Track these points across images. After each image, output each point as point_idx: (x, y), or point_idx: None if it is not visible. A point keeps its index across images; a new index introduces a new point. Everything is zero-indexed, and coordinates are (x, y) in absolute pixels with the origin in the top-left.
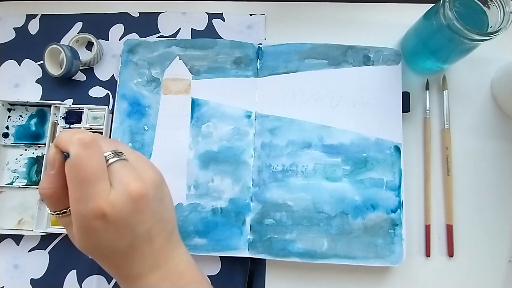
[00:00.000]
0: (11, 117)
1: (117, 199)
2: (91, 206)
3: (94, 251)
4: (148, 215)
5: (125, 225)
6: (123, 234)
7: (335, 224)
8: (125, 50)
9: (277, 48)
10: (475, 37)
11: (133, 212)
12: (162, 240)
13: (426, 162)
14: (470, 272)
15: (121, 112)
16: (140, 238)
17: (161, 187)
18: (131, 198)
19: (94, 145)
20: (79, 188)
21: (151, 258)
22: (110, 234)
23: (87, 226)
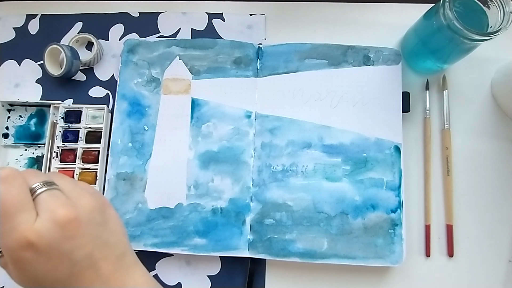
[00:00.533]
0: (11, 117)
1: (43, 227)
2: (16, 237)
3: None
4: (85, 239)
5: (58, 252)
6: (58, 263)
7: (335, 224)
8: (125, 50)
9: (277, 48)
10: (475, 37)
11: (63, 237)
12: (110, 265)
13: (426, 162)
14: (470, 272)
15: (121, 112)
16: (80, 264)
17: (100, 212)
18: (58, 224)
19: (12, 179)
20: (3, 222)
21: (101, 284)
22: (44, 264)
23: (17, 259)
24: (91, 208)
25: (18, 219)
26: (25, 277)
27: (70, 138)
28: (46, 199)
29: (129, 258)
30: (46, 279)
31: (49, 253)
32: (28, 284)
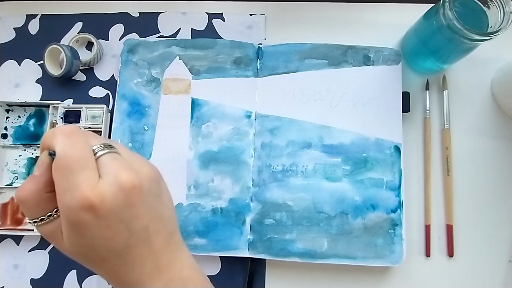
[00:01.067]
0: (10, 118)
1: (106, 190)
2: (78, 196)
3: (87, 254)
4: (144, 210)
5: (118, 219)
6: (117, 231)
7: (335, 224)
8: (125, 50)
9: (277, 48)
10: (475, 37)
11: (125, 204)
12: (162, 241)
13: (426, 162)
14: (470, 272)
15: (121, 112)
16: (136, 236)
17: (158, 182)
18: (122, 189)
19: (77, 134)
20: (64, 177)
21: (151, 262)
22: (102, 230)
23: (76, 221)
24: (150, 177)
25: (81, 177)
26: (79, 244)
27: None
28: (108, 161)
29: (178, 236)
30: (101, 248)
31: (109, 219)
32: (81, 253)
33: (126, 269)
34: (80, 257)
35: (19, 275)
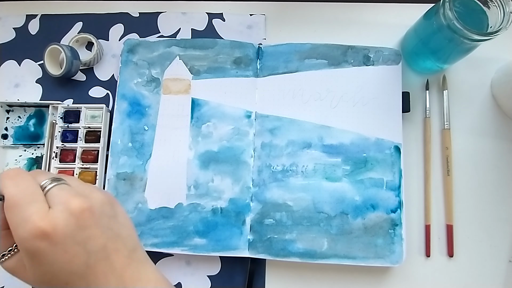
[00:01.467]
0: (10, 118)
1: (57, 217)
2: (29, 228)
3: (51, 281)
4: (99, 230)
5: (74, 242)
6: (74, 253)
7: (335, 224)
8: (125, 50)
9: (277, 48)
10: (475, 37)
11: (78, 227)
12: (124, 258)
13: (426, 162)
14: (470, 272)
15: (121, 112)
16: (95, 256)
17: (111, 204)
18: (72, 214)
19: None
20: (15, 214)
21: (115, 279)
22: (60, 255)
23: (32, 251)
24: (101, 200)
25: (30, 211)
26: (40, 272)
27: (70, 138)
28: (57, 192)
29: (141, 253)
30: (62, 272)
31: (65, 244)
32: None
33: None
34: (44, 285)
35: None
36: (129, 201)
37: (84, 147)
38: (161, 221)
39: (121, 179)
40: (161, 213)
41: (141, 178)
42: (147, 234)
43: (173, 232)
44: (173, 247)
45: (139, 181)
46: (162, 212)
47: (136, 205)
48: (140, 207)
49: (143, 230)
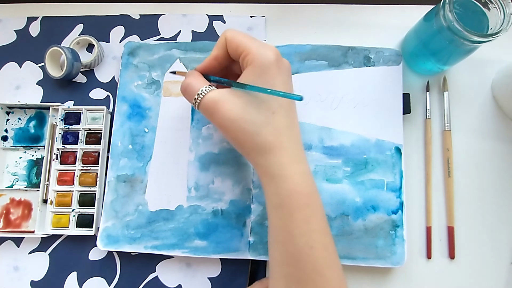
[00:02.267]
0: (10, 120)
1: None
2: (269, 48)
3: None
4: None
5: (287, 78)
6: (287, 88)
7: (335, 225)
8: (125, 52)
9: None
10: (475, 38)
11: (289, 71)
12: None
13: (427, 163)
14: (471, 274)
15: (122, 114)
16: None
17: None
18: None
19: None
20: (251, 40)
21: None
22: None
23: (266, 67)
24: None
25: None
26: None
27: (70, 140)
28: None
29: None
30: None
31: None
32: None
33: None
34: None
35: (19, 277)
36: (129, 203)
37: (85, 149)
38: (161, 223)
39: (121, 181)
40: (162, 215)
41: (142, 180)
42: (147, 236)
43: (173, 234)
44: (174, 249)
45: (140, 183)
46: (162, 214)
47: (137, 207)
48: (140, 209)
49: (143, 232)
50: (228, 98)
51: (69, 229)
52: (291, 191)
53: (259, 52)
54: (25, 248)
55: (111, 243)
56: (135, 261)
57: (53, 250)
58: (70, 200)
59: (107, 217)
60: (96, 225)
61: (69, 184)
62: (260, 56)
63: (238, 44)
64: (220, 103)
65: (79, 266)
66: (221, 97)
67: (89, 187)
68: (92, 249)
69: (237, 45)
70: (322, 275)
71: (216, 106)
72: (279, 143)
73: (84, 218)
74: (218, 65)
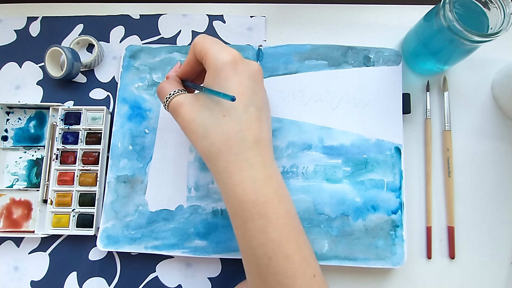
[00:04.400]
0: (10, 120)
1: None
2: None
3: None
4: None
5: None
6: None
7: (335, 226)
8: (126, 55)
9: (277, 49)
10: (475, 38)
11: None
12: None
13: (427, 163)
14: (472, 274)
15: (122, 115)
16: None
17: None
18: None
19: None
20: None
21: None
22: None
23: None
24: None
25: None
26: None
27: (70, 140)
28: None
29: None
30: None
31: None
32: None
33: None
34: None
35: (19, 277)
36: (129, 204)
37: (85, 149)
38: (161, 224)
39: (121, 182)
40: (162, 216)
41: (142, 180)
42: (147, 237)
43: (173, 234)
44: (174, 249)
45: (140, 184)
46: (162, 215)
47: (137, 207)
48: (140, 209)
49: (143, 232)
50: (189, 101)
51: (69, 229)
52: (240, 200)
53: (214, 54)
54: (25, 248)
55: (111, 244)
56: (135, 261)
57: (53, 250)
58: (70, 200)
59: (107, 218)
60: (96, 225)
61: (69, 184)
62: (214, 58)
63: (201, 49)
64: (181, 106)
65: (79, 266)
66: (184, 100)
67: (89, 187)
68: (92, 249)
69: (200, 50)
70: (285, 285)
71: (178, 108)
72: (227, 148)
73: (84, 218)
74: (191, 70)
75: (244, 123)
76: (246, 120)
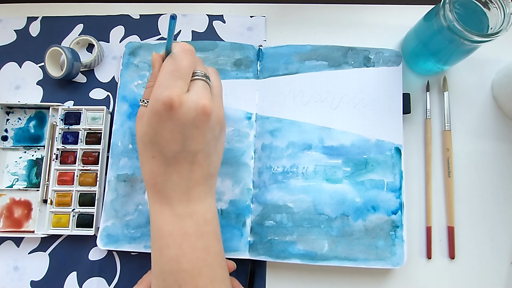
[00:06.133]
0: (10, 120)
1: (187, 102)
2: (166, 94)
3: (146, 144)
4: (201, 138)
5: (181, 130)
6: (174, 138)
7: (335, 226)
8: (126, 52)
9: (277, 49)
10: (475, 38)
11: (192, 122)
12: (201, 176)
13: (427, 163)
14: (472, 274)
15: (122, 114)
16: (185, 154)
17: (221, 128)
18: (196, 109)
19: (191, 54)
20: (164, 76)
21: (185, 187)
22: (166, 131)
23: (155, 111)
24: (219, 118)
25: (176, 83)
26: (148, 128)
27: (70, 139)
28: (200, 86)
29: (214, 183)
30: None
31: (176, 125)
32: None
33: (163, 178)
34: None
35: (19, 277)
36: (129, 203)
37: (85, 149)
38: None
39: (121, 181)
40: None
41: (142, 179)
42: (147, 236)
43: None
44: None
45: (140, 183)
46: None
47: (137, 206)
48: (140, 208)
49: (143, 232)
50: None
51: (69, 229)
52: (159, 228)
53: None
54: (25, 248)
55: (111, 243)
56: (135, 261)
57: (53, 250)
58: (70, 200)
59: (107, 217)
60: (96, 225)
61: (69, 184)
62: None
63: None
64: (138, 119)
65: (79, 266)
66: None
67: (89, 187)
68: (92, 249)
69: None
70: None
71: (138, 119)
72: (152, 184)
73: (84, 218)
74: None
75: (170, 167)
76: (173, 164)
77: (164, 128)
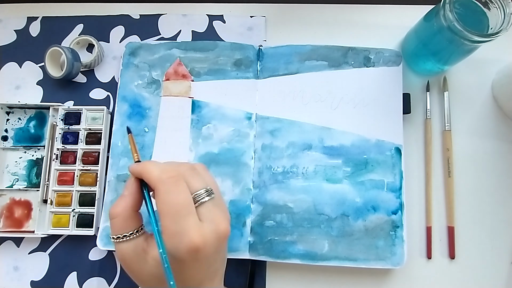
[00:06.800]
0: (10, 120)
1: (209, 236)
2: (186, 241)
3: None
4: (221, 254)
5: (207, 262)
6: (200, 270)
7: (335, 226)
8: (126, 52)
9: (277, 49)
10: (475, 38)
11: (216, 250)
12: (218, 281)
13: (427, 163)
14: (472, 274)
15: (122, 114)
16: (209, 276)
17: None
18: (219, 238)
19: (181, 181)
20: (173, 222)
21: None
22: (193, 270)
23: (179, 259)
24: (228, 230)
25: (188, 223)
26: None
27: (70, 140)
28: (211, 209)
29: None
30: (183, 281)
31: (203, 261)
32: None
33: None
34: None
35: (19, 277)
36: None
37: (85, 149)
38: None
39: (121, 181)
40: None
41: None
42: None
43: None
44: None
45: None
46: None
47: None
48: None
49: None
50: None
51: (69, 229)
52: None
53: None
54: (25, 248)
55: (111, 243)
56: None
57: (53, 250)
58: (70, 200)
59: (107, 217)
60: (96, 225)
61: (69, 184)
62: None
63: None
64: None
65: (79, 266)
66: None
67: (89, 187)
68: (92, 249)
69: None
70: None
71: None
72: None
73: (84, 218)
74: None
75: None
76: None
77: (189, 270)
